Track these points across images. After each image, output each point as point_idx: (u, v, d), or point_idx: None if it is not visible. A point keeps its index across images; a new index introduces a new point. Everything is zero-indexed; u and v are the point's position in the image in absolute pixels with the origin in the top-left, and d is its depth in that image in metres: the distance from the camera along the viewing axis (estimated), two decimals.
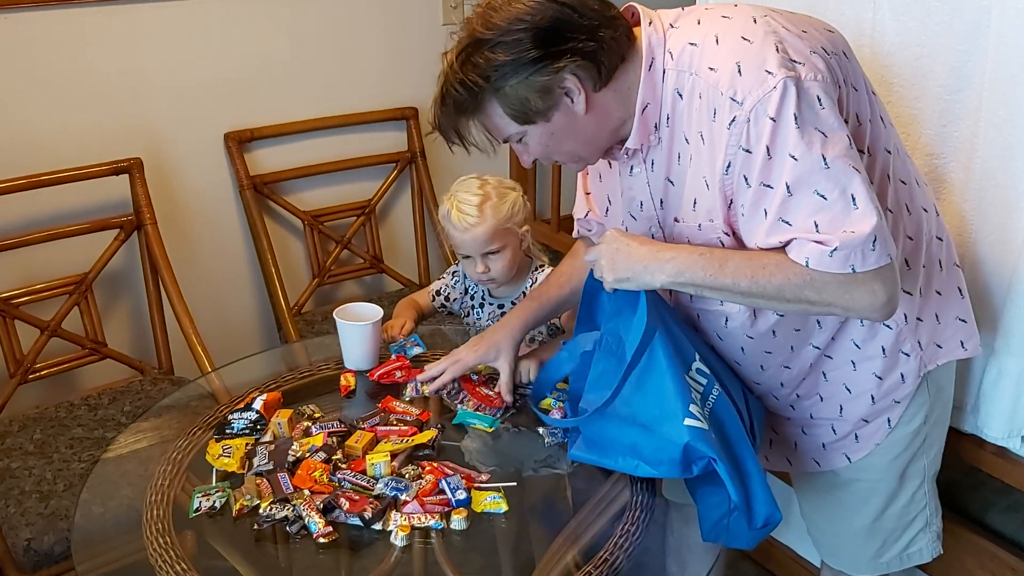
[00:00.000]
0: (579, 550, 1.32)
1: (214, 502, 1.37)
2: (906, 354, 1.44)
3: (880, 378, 1.45)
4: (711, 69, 1.24)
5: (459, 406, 1.62)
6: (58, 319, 2.33)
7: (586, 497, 1.42)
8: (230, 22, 2.55)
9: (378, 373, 1.72)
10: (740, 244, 1.30)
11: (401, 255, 2.99)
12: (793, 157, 1.19)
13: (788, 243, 1.23)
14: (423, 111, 2.90)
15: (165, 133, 2.53)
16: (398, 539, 1.30)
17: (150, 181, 2.42)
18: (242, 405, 1.57)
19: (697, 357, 1.40)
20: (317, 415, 1.59)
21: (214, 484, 1.43)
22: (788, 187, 1.20)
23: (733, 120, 1.21)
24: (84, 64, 2.37)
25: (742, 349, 1.46)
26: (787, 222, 1.22)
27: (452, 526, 1.33)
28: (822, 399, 1.51)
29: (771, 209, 1.22)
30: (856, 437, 1.51)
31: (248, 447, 1.49)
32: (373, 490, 1.38)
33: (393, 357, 1.75)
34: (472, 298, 2.03)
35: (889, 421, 1.49)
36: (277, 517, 1.33)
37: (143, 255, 2.45)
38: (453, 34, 1.31)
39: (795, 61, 1.21)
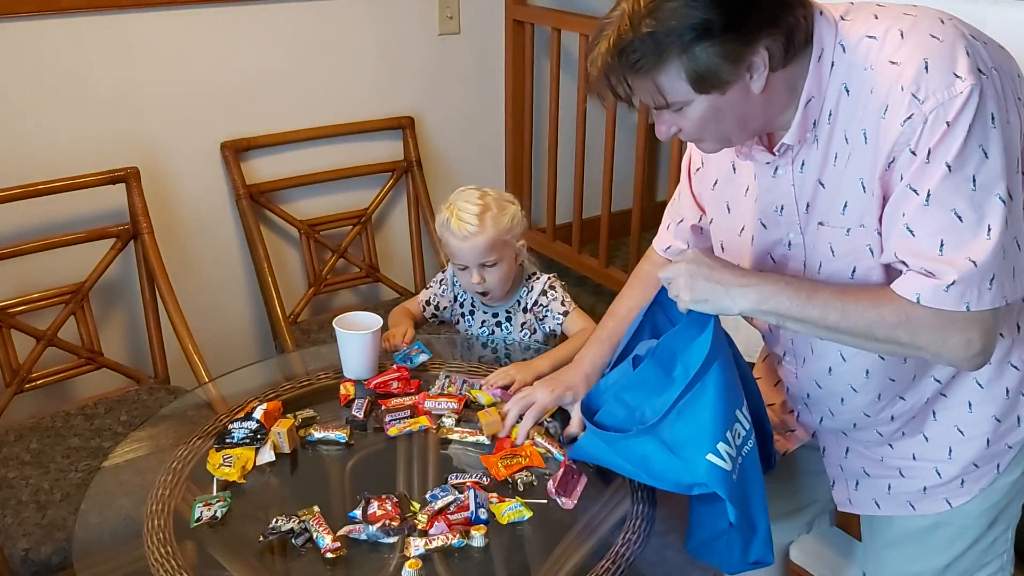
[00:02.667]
0: (579, 560, 1.32)
1: (215, 511, 1.37)
2: None
3: (999, 421, 1.35)
4: (893, 63, 1.15)
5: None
6: (54, 328, 2.33)
7: (586, 506, 1.42)
8: (226, 32, 2.56)
9: (376, 382, 1.72)
10: (885, 266, 1.23)
11: (397, 264, 3.00)
12: (948, 166, 1.12)
13: (897, 273, 1.18)
14: (419, 120, 2.91)
15: (161, 142, 2.53)
16: (406, 573, 1.27)
17: (146, 190, 2.42)
18: (242, 414, 1.58)
19: (743, 404, 1.34)
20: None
21: (215, 494, 1.43)
22: (928, 196, 1.13)
23: (909, 117, 1.13)
24: (81, 73, 2.38)
25: (867, 372, 1.36)
26: (912, 232, 1.15)
27: (472, 543, 1.32)
28: (927, 439, 1.41)
29: (908, 214, 1.16)
30: (962, 482, 1.40)
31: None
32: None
33: (394, 367, 1.76)
34: (462, 305, 2.03)
35: (998, 467, 1.39)
36: (283, 529, 1.33)
37: (139, 264, 2.45)
38: None
39: (980, 71, 1.13)
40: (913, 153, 1.14)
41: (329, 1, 2.69)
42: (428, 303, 2.05)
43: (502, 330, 1.98)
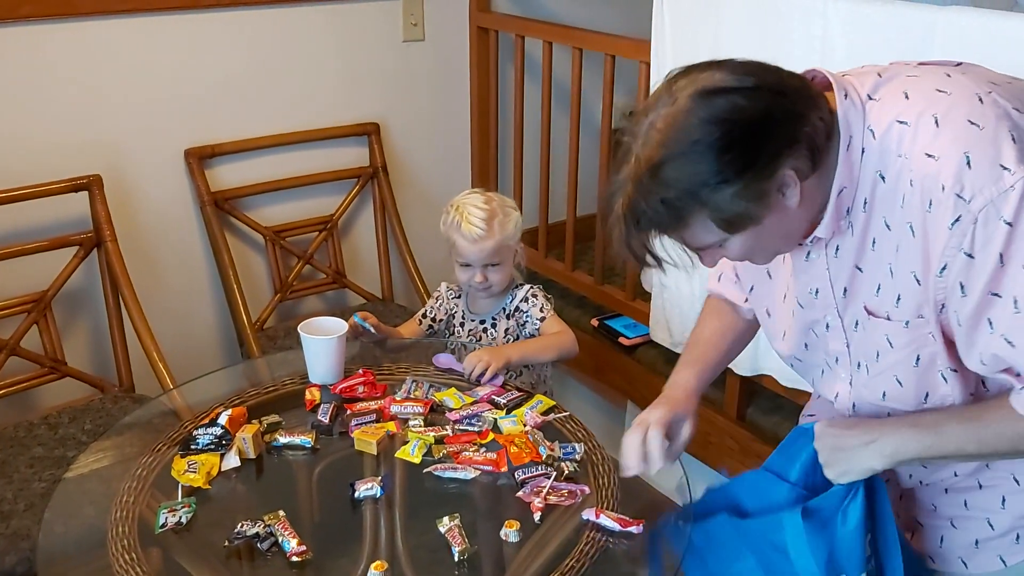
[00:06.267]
0: (545, 559, 1.34)
1: (180, 517, 1.37)
2: None
3: None
4: (929, 156, 1.06)
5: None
6: (17, 337, 2.31)
7: (552, 506, 1.43)
8: (190, 38, 2.55)
9: (342, 387, 1.73)
10: (950, 347, 1.16)
11: (363, 270, 3.00)
12: None
13: (1009, 385, 1.11)
14: (384, 126, 2.92)
15: (125, 150, 2.52)
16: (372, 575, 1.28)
17: (110, 198, 2.41)
18: (207, 420, 1.57)
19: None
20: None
21: (180, 500, 1.43)
22: (1016, 302, 1.04)
23: (957, 220, 1.04)
24: (43, 81, 2.36)
25: None
26: (1011, 343, 1.06)
27: (509, 539, 1.36)
28: (980, 487, 1.30)
29: (997, 322, 1.07)
30: (1017, 537, 1.29)
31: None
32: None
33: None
34: (453, 317, 2.09)
35: None
36: (248, 534, 1.33)
37: (103, 272, 2.44)
38: (629, 138, 1.09)
39: None
40: (970, 256, 1.05)
41: (293, 8, 2.70)
42: (424, 316, 2.12)
43: (487, 336, 2.03)
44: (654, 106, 1.08)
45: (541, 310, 2.00)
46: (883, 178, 1.12)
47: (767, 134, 1.06)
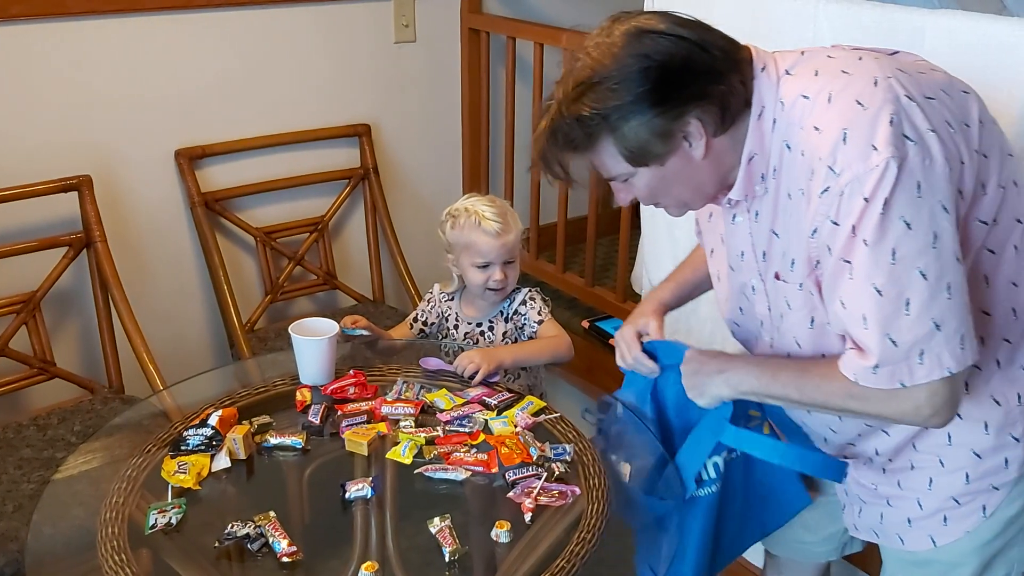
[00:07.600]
0: (536, 559, 1.34)
1: (170, 518, 1.37)
2: (1016, 439, 1.31)
3: (979, 456, 1.32)
4: (816, 129, 1.16)
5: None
6: (5, 338, 2.30)
7: (542, 506, 1.43)
8: (181, 39, 2.55)
9: (332, 388, 1.72)
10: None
11: (354, 271, 3.00)
12: (865, 242, 1.13)
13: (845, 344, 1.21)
14: (375, 128, 2.92)
15: (115, 150, 2.52)
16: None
17: (100, 198, 2.40)
18: (197, 421, 1.57)
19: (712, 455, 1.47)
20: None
21: (170, 501, 1.42)
22: (851, 271, 1.15)
23: (826, 189, 1.15)
24: (33, 81, 2.35)
25: (839, 417, 1.39)
26: (844, 304, 1.18)
27: (500, 539, 1.36)
28: (913, 467, 1.38)
29: (842, 285, 1.18)
30: (945, 519, 1.37)
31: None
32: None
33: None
34: (447, 320, 2.07)
35: (984, 509, 1.34)
36: (239, 534, 1.33)
37: (93, 273, 2.43)
38: (566, 63, 1.24)
39: (907, 138, 1.11)
40: (836, 224, 1.15)
41: (285, 9, 2.70)
42: (416, 320, 2.10)
43: (484, 339, 2.02)
44: (593, 38, 1.21)
45: (539, 313, 1.98)
46: (788, 148, 1.21)
47: (682, 80, 1.17)
